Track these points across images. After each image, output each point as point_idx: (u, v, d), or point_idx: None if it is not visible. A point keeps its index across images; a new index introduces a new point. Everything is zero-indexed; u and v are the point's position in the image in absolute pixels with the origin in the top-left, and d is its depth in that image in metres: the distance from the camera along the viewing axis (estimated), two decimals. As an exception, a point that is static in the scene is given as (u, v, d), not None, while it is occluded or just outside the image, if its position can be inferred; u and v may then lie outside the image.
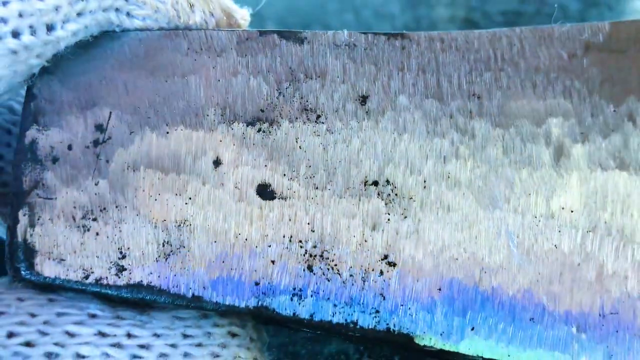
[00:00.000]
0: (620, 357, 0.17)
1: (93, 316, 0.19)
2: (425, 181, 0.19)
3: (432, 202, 0.19)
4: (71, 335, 0.18)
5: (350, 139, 0.19)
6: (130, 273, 0.19)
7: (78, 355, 0.18)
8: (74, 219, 0.20)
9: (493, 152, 0.18)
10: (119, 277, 0.19)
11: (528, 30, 0.19)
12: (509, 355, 0.18)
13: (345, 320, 0.19)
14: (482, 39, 0.19)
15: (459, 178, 0.19)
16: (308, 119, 0.20)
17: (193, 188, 0.19)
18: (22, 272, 0.19)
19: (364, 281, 0.19)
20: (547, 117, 0.18)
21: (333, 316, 0.19)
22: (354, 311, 0.18)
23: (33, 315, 0.19)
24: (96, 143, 0.20)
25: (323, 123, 0.20)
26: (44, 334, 0.18)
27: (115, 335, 0.19)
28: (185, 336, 0.19)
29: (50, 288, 0.20)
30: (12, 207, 0.20)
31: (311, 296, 0.19)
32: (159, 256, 0.19)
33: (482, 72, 0.19)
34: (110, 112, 0.20)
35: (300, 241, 0.19)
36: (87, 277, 0.19)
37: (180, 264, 0.19)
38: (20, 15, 0.18)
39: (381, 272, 0.19)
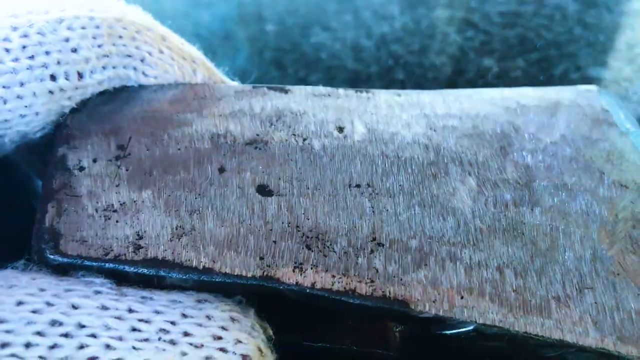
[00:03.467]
0: None
1: (98, 292, 0.20)
2: (400, 185, 0.23)
3: (409, 199, 0.23)
4: (75, 307, 0.19)
5: (333, 155, 0.24)
6: (146, 250, 0.21)
7: (80, 324, 0.19)
8: (96, 210, 0.22)
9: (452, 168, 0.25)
10: (136, 254, 0.21)
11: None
12: (501, 322, 0.20)
13: (344, 288, 0.21)
14: (435, 101, 0.27)
15: (430, 184, 0.24)
16: (296, 141, 0.25)
17: (201, 187, 0.23)
18: (47, 252, 0.21)
19: (357, 257, 0.22)
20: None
21: (333, 285, 0.21)
22: (351, 281, 0.21)
23: (42, 290, 0.19)
24: (117, 157, 0.24)
25: (309, 144, 0.25)
26: (50, 304, 0.19)
27: (117, 309, 0.19)
28: (184, 316, 0.20)
29: (70, 268, 0.21)
30: (42, 202, 0.22)
31: (311, 269, 0.21)
32: (173, 237, 0.21)
33: (429, 128, 0.26)
34: (130, 137, 0.24)
35: (298, 226, 0.22)
36: (106, 254, 0.21)
37: (192, 243, 0.21)
38: (58, 63, 0.23)
39: (372, 250, 0.22)
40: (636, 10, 0.51)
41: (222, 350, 0.19)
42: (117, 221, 0.22)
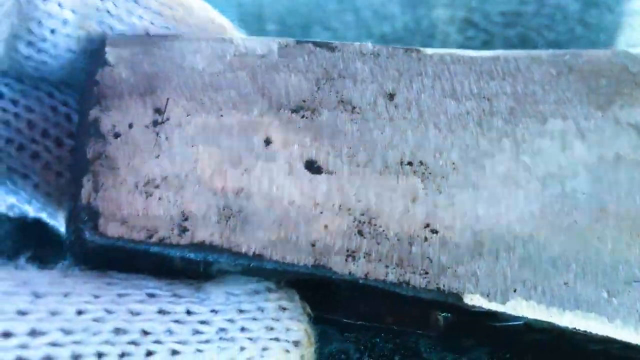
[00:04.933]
0: None
1: (152, 295, 0.19)
2: (454, 163, 0.22)
3: (462, 181, 0.22)
4: (134, 313, 0.19)
5: (384, 127, 0.23)
6: (192, 233, 0.20)
7: (144, 331, 0.18)
8: (136, 186, 0.20)
9: (507, 144, 0.23)
10: (182, 237, 0.20)
11: (521, 51, 0.24)
12: (551, 317, 0.20)
13: (398, 279, 0.20)
14: (484, 56, 0.24)
15: (483, 163, 0.22)
16: (345, 110, 0.23)
17: (247, 162, 0.21)
18: (86, 233, 0.19)
19: (410, 245, 0.21)
20: (548, 118, 0.23)
21: (386, 276, 0.20)
22: (405, 272, 0.20)
23: (96, 297, 0.19)
24: (155, 123, 0.21)
25: (359, 114, 0.23)
26: (109, 312, 0.18)
27: (175, 313, 0.19)
28: (240, 311, 0.20)
29: (110, 250, 0.20)
30: (75, 175, 0.21)
31: (364, 257, 0.20)
32: (220, 218, 0.20)
33: (488, 81, 0.23)
34: (168, 99, 0.22)
35: (349, 209, 0.21)
36: (150, 237, 0.19)
37: (240, 226, 0.20)
38: None
39: (425, 239, 0.21)
40: (636, 10, 0.51)
41: (276, 339, 0.20)
42: (159, 198, 0.20)
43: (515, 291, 0.20)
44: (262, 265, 0.20)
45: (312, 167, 0.22)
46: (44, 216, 0.26)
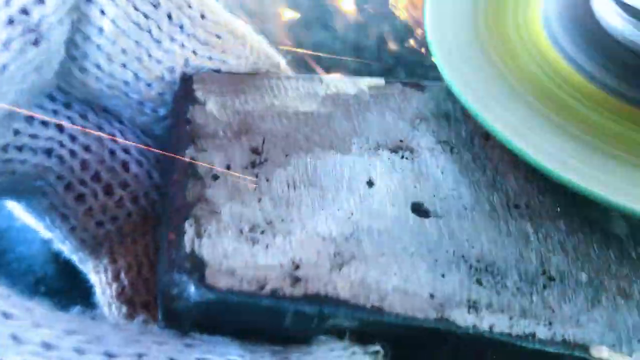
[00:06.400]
0: None
1: (189, 346, 0.17)
2: (558, 206, 0.21)
3: (569, 223, 0.21)
4: None
5: (484, 167, 0.22)
6: (306, 283, 0.18)
7: None
8: (241, 232, 0.19)
9: None
10: (295, 288, 0.18)
11: None
12: None
13: (524, 332, 0.19)
14: None
15: None
16: (443, 150, 0.22)
17: (352, 204, 0.20)
18: (192, 286, 0.17)
19: (530, 294, 0.19)
20: None
21: (511, 328, 0.19)
22: (530, 323, 0.19)
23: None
24: (253, 164, 0.21)
25: (458, 154, 0.22)
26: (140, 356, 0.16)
27: None
28: None
29: (213, 309, 0.18)
30: (173, 218, 0.19)
31: (486, 309, 0.19)
32: (332, 267, 0.18)
33: None
34: (264, 138, 0.21)
35: (464, 256, 0.20)
36: (262, 288, 0.17)
37: (354, 274, 0.18)
38: None
39: (544, 286, 0.19)
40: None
41: None
42: (267, 246, 0.18)
43: (638, 342, 0.19)
44: (381, 319, 0.18)
45: (419, 210, 0.21)
46: (74, 259, 0.25)
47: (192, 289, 0.17)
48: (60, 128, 0.23)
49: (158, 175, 0.24)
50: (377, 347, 0.18)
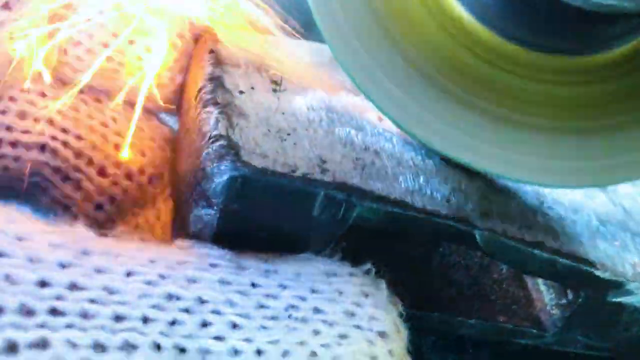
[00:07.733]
0: None
1: (214, 265, 0.18)
2: None
3: None
4: (192, 280, 0.17)
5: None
6: (333, 174, 0.19)
7: (200, 299, 0.16)
8: (269, 130, 0.20)
9: None
10: (325, 175, 0.19)
11: None
12: None
13: (534, 238, 0.21)
14: None
15: None
16: None
17: (369, 130, 0.22)
18: (229, 161, 0.18)
19: (534, 215, 0.22)
20: None
21: (524, 235, 0.21)
22: (537, 233, 0.21)
23: (152, 261, 0.17)
24: (275, 90, 0.23)
25: None
26: (163, 277, 0.17)
27: (239, 284, 0.17)
28: (313, 291, 0.18)
29: (247, 187, 0.18)
30: (202, 108, 0.20)
31: (497, 217, 0.21)
32: (356, 166, 0.20)
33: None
34: (282, 76, 0.24)
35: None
36: (294, 171, 0.19)
37: (376, 175, 0.20)
38: None
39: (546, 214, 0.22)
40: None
41: (357, 327, 0.17)
42: (294, 143, 0.20)
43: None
44: (405, 212, 0.19)
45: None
46: None
47: (227, 163, 0.18)
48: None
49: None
50: (369, 267, 0.19)
